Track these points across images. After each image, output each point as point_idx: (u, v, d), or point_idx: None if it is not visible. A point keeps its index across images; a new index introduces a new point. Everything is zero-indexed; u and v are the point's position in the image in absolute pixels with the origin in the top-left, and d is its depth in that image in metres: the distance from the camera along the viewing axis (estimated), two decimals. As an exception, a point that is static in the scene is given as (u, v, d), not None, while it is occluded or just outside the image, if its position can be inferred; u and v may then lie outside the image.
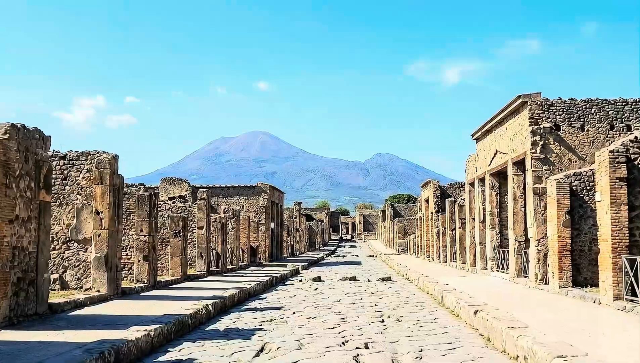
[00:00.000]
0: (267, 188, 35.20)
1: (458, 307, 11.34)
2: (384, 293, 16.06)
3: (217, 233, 23.17)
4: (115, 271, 12.78)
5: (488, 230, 20.30)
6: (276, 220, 38.49)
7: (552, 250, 13.87)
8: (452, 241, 28.46)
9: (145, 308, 10.81)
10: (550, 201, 13.96)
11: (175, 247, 17.88)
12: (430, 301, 14.19)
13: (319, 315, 11.37)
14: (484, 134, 20.80)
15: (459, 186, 35.38)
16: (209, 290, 14.58)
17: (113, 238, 12.65)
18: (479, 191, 21.86)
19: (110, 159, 12.69)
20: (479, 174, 21.72)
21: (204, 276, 20.00)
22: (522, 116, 16.41)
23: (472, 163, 23.21)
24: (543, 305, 11.50)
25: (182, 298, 12.63)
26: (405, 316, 11.17)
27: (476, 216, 22.17)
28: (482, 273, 21.07)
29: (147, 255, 14.93)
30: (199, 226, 20.67)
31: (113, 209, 12.70)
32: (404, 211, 76.66)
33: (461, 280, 18.87)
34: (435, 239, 33.28)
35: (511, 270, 17.46)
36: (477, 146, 22.12)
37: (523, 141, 16.25)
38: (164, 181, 36.15)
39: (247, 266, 27.79)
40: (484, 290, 15.19)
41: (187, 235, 18.49)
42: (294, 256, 46.36)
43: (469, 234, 23.55)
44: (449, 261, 28.72)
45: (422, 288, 17.06)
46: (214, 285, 16.73)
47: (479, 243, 21.72)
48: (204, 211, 20.69)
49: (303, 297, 15.06)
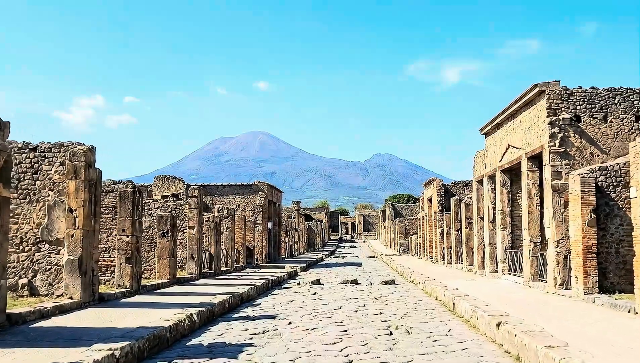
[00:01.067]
0: (264, 187, 33.89)
1: (475, 317, 10.05)
2: (388, 299, 14.76)
3: (210, 233, 21.87)
4: (92, 276, 11.48)
5: (499, 230, 19.00)
6: (274, 220, 37.18)
7: (575, 251, 12.57)
8: (457, 242, 27.17)
9: (120, 318, 9.51)
10: (573, 198, 12.66)
11: (163, 248, 16.58)
12: (441, 308, 12.90)
13: (318, 326, 10.07)
14: (495, 128, 19.51)
15: (463, 184, 34.13)
16: (198, 296, 13.29)
17: (88, 238, 11.35)
18: (489, 188, 20.57)
19: (85, 151, 11.40)
20: (489, 171, 20.43)
21: (195, 279, 18.70)
22: (538, 107, 15.12)
23: (480, 159, 21.92)
24: (571, 315, 10.21)
25: (166, 306, 11.33)
26: (415, 328, 9.87)
27: (485, 215, 20.88)
28: (492, 276, 19.77)
29: (130, 257, 13.63)
30: (189, 225, 19.36)
31: (89, 206, 11.40)
32: (405, 211, 75.38)
33: (470, 283, 17.58)
34: (439, 239, 32.00)
35: (525, 273, 16.17)
36: (486, 142, 20.83)
37: (540, 133, 14.96)
38: (158, 179, 34.86)
39: (242, 267, 26.48)
40: (498, 295, 13.90)
41: (176, 235, 17.19)
42: (293, 257, 45.05)
43: (477, 234, 22.26)
44: (454, 262, 27.42)
45: (430, 293, 15.77)
46: (205, 289, 15.43)
47: (489, 244, 20.43)
48: (196, 210, 19.39)
49: (300, 303, 13.76)
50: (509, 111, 17.44)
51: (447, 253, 29.51)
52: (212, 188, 34.22)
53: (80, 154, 11.32)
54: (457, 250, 27.15)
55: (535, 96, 15.21)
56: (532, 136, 15.59)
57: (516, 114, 17.06)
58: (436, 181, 33.60)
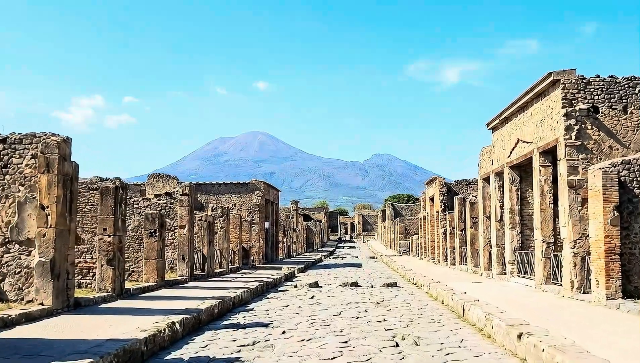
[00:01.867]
0: (261, 185, 32.85)
1: (489, 325, 9.02)
2: (391, 304, 13.72)
3: (202, 233, 20.83)
4: (66, 280, 10.43)
5: (507, 230, 17.97)
6: (271, 219, 36.14)
7: (595, 252, 11.54)
8: (461, 242, 26.14)
9: (93, 328, 8.47)
10: (594, 194, 11.63)
11: (150, 249, 15.54)
12: (449, 314, 11.86)
13: (315, 337, 9.03)
14: (503, 122, 18.48)
15: (466, 183, 33.10)
16: (185, 300, 12.26)
17: (62, 238, 10.31)
18: (496, 186, 19.53)
19: (59, 143, 10.35)
20: (496, 167, 19.40)
21: (186, 281, 17.65)
22: (552, 98, 14.10)
23: (486, 156, 20.89)
24: (596, 323, 9.18)
25: (148, 312, 10.30)
26: (424, 338, 8.83)
27: (492, 214, 19.85)
28: (499, 278, 18.74)
29: (112, 259, 12.58)
30: (180, 224, 18.32)
31: (63, 203, 10.36)
32: (405, 210, 74.36)
33: (477, 286, 16.56)
34: (442, 240, 30.97)
35: (537, 275, 15.14)
36: (494, 137, 19.80)
37: (554, 126, 13.93)
38: (152, 177, 33.81)
39: (237, 269, 25.44)
40: (509, 299, 12.88)
41: (164, 235, 16.16)
42: (291, 257, 44.01)
43: (483, 234, 21.23)
44: (457, 263, 26.39)
45: (436, 297, 14.74)
46: (194, 292, 14.40)
47: (495, 245, 19.39)
48: (186, 208, 18.35)
49: (297, 309, 12.72)
50: (519, 104, 16.42)
51: (450, 253, 28.48)
52: (207, 187, 33.19)
53: (53, 145, 10.28)
54: (461, 251, 26.12)
55: (549, 86, 14.18)
56: (545, 129, 14.57)
57: (527, 106, 16.04)
58: (438, 180, 32.58)
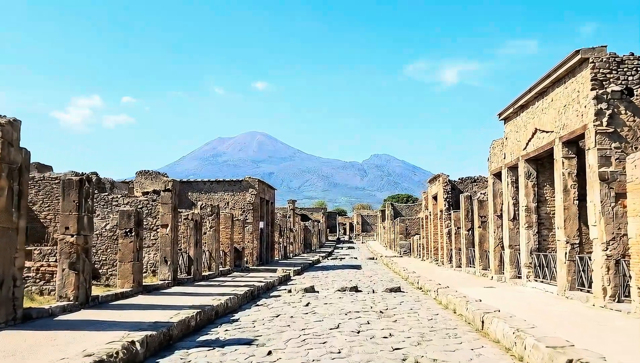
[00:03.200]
0: (255, 183, 31.16)
1: (521, 344, 7.36)
2: (396, 313, 12.07)
3: (189, 232, 19.16)
4: (12, 287, 8.76)
5: (522, 230, 16.31)
6: (266, 219, 34.46)
7: (637, 255, 9.87)
8: (468, 243, 24.50)
9: (31, 350, 6.79)
10: (634, 188, 9.97)
11: (125, 250, 13.86)
12: (464, 326, 10.22)
13: (307, 360, 7.37)
14: (517, 111, 16.83)
15: (471, 180, 31.47)
16: (160, 310, 10.60)
17: (7, 238, 8.64)
18: (508, 182, 17.88)
19: (3, 125, 8.68)
20: (509, 161, 17.75)
21: (168, 286, 15.98)
22: (579, 79, 12.45)
23: (497, 149, 19.24)
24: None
25: (111, 326, 8.63)
26: (441, 361, 7.17)
27: (504, 212, 18.19)
28: (513, 283, 17.09)
29: (75, 262, 10.90)
30: (162, 223, 16.64)
31: (9, 197, 8.69)
32: (405, 210, 72.75)
33: (490, 292, 14.92)
34: (446, 240, 29.33)
35: (560, 281, 13.48)
36: (506, 128, 18.15)
37: (581, 111, 12.28)
38: (140, 174, 32.12)
39: (229, 271, 23.76)
40: (533, 308, 11.22)
41: (142, 234, 14.47)
42: (287, 258, 42.34)
43: (493, 234, 19.58)
44: (464, 266, 24.75)
45: (446, 305, 13.09)
46: (174, 300, 12.74)
47: (508, 246, 17.74)
48: (169, 206, 16.67)
49: (288, 319, 11.07)
50: (537, 89, 14.77)
51: (456, 255, 26.83)
52: (199, 185, 31.51)
53: (-4, 127, 8.60)
54: (467, 252, 24.48)
55: (575, 66, 12.53)
56: (570, 116, 12.91)
57: (547, 91, 14.39)
58: (442, 177, 30.92)
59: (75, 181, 11.09)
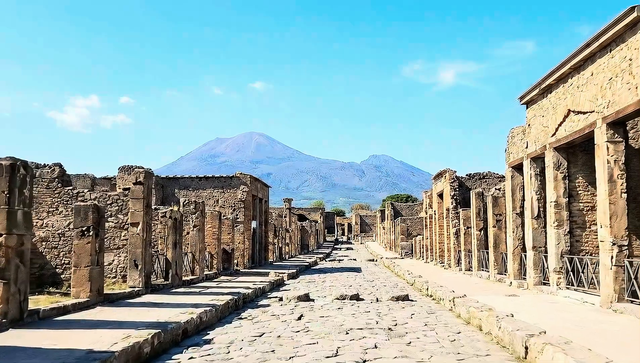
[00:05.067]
0: (247, 179, 28.85)
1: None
2: (409, 330, 9.81)
3: (167, 232, 16.86)
4: None
5: (551, 229, 14.04)
6: (259, 218, 32.15)
7: None
8: (480, 245, 22.24)
9: None
10: None
11: (81, 252, 11.56)
12: (499, 351, 7.95)
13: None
14: (544, 92, 14.57)
15: (479, 177, 29.22)
16: (109, 329, 8.32)
17: None
18: (532, 174, 15.62)
19: None
20: (532, 151, 15.48)
21: (138, 294, 13.68)
22: (633, 43, 10.19)
23: (517, 138, 16.97)
24: None
25: (34, 354, 6.36)
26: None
27: (527, 209, 15.92)
28: (538, 290, 14.82)
29: (4, 269, 8.60)
30: (132, 221, 14.34)
31: None
32: (405, 210, 70.50)
33: (516, 302, 12.66)
34: (453, 241, 27.06)
35: (604, 290, 11.20)
36: (529, 114, 15.88)
37: (635, 83, 10.03)
38: (122, 170, 29.74)
39: (215, 275, 21.46)
40: (580, 326, 8.96)
41: (102, 234, 12.16)
42: (283, 260, 40.02)
43: (512, 234, 17.31)
44: (474, 269, 22.48)
45: (467, 320, 10.82)
46: (137, 313, 10.45)
47: (532, 247, 15.47)
48: (141, 201, 14.38)
49: (274, 341, 8.79)
50: (572, 62, 12.52)
51: (465, 257, 24.56)
52: (186, 181, 29.20)
53: None
54: (479, 255, 22.21)
55: (627, 28, 10.27)
56: (618, 91, 10.65)
57: (585, 64, 12.14)
58: (449, 173, 28.64)
59: (4, 167, 8.78)
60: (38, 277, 15.59)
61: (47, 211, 16.08)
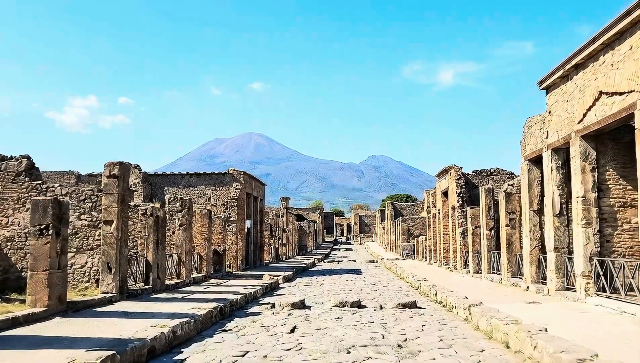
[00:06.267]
0: (240, 176, 27.23)
1: None
2: (421, 347, 8.20)
3: (147, 231, 15.25)
4: None
5: (578, 227, 12.43)
6: (254, 218, 30.53)
7: None
8: (490, 245, 20.64)
9: None
10: None
11: (38, 254, 9.94)
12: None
13: None
14: (568, 74, 12.97)
15: (487, 173, 27.67)
16: (56, 349, 6.72)
17: None
18: (553, 167, 14.03)
19: None
20: (554, 140, 13.88)
21: (110, 301, 12.06)
22: (685, 7, 8.59)
23: (535, 128, 15.38)
24: None
25: None
26: None
27: (546, 206, 14.32)
28: (561, 296, 13.22)
29: None
30: (105, 219, 12.72)
31: None
32: (406, 210, 68.93)
33: (539, 311, 11.07)
34: (460, 242, 25.45)
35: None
36: (549, 100, 14.28)
37: (689, 53, 8.43)
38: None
39: (204, 278, 19.84)
40: (626, 344, 7.36)
41: (65, 233, 10.54)
42: (279, 261, 38.39)
43: (529, 234, 15.71)
44: (484, 272, 20.87)
45: (488, 333, 9.23)
46: (100, 326, 8.84)
47: (553, 248, 13.87)
48: (114, 197, 12.77)
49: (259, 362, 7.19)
50: (603, 38, 10.93)
51: (473, 259, 22.95)
52: (175, 178, 27.58)
53: None
54: (489, 256, 20.60)
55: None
56: (666, 64, 9.05)
57: (621, 37, 10.54)
58: (454, 169, 27.04)
59: None
60: (2, 282, 13.96)
61: (13, 207, 14.46)
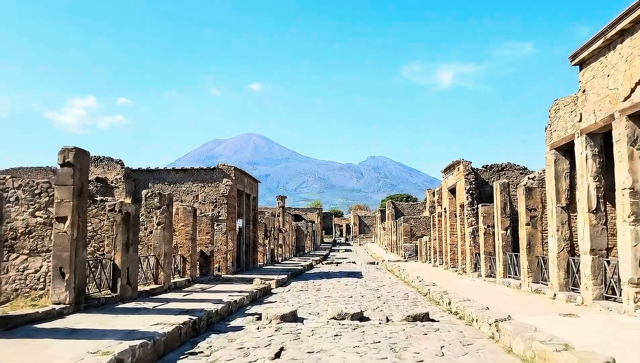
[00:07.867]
0: (231, 171, 25.16)
1: None
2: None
3: (115, 230, 13.17)
4: None
5: (626, 226, 10.36)
6: (247, 217, 28.46)
7: None
8: (506, 246, 18.57)
9: None
10: None
11: (-44, 259, 7.85)
12: None
13: None
14: (611, 43, 10.92)
15: (498, 168, 25.58)
16: None
17: None
18: (588, 155, 11.98)
19: None
20: (590, 124, 11.83)
21: (60, 314, 9.98)
22: None
23: (564, 111, 13.33)
24: None
25: None
26: None
27: (580, 201, 12.26)
28: (602, 307, 11.15)
29: None
30: (58, 215, 10.65)
31: None
32: (407, 209, 66.92)
33: (580, 327, 9.04)
34: (469, 243, 23.37)
35: None
36: (584, 76, 12.23)
37: None
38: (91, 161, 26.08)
39: (187, 283, 17.76)
40: None
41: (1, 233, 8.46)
42: (275, 263, 36.30)
43: (556, 234, 13.65)
44: (499, 276, 18.81)
45: (527, 359, 7.18)
46: (26, 354, 6.79)
47: (589, 251, 11.81)
48: (69, 190, 10.69)
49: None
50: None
51: (485, 261, 20.89)
52: (161, 174, 25.51)
53: None
54: (505, 258, 18.54)
55: None
56: None
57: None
58: (463, 164, 24.97)
59: None
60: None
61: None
